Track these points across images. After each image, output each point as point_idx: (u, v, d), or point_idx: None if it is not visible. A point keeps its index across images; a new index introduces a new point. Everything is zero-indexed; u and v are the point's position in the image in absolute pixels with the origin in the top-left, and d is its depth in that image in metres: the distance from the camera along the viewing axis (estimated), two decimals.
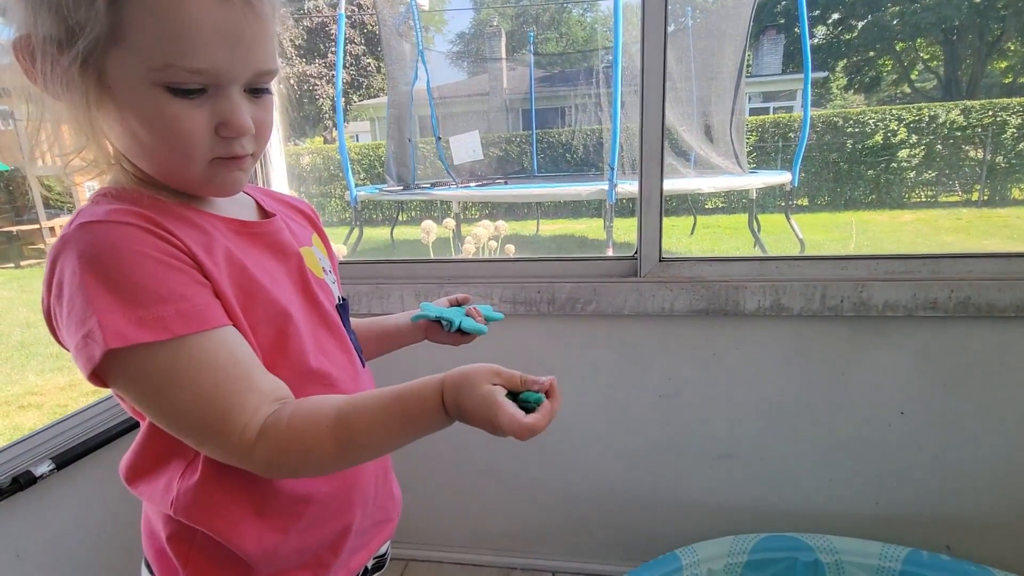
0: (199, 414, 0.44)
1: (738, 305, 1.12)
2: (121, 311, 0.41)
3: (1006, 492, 1.15)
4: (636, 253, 1.18)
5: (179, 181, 0.49)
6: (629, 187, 4.37)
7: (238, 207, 0.57)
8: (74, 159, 0.48)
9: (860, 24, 16.50)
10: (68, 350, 0.46)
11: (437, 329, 0.73)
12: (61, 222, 7.62)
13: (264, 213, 0.60)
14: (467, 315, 0.73)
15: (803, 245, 5.26)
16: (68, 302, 0.42)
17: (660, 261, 1.17)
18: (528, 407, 0.46)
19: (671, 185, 4.99)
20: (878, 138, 8.88)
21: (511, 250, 3.13)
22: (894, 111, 9.00)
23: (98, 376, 0.43)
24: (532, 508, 1.36)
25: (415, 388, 0.48)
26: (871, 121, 8.95)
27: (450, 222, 3.39)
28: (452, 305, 0.76)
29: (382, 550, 0.72)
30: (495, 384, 0.46)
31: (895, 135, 8.79)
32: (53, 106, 0.45)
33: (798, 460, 1.21)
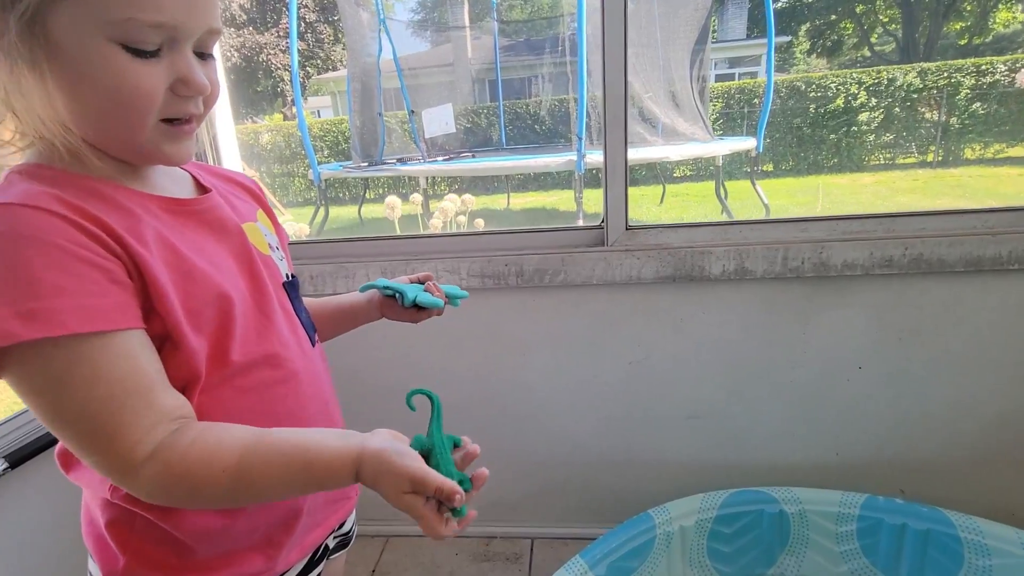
0: (87, 426, 0.41)
1: (703, 270, 1.14)
2: (9, 304, 0.38)
3: (954, 438, 1.21)
4: (603, 222, 1.18)
5: (125, 146, 0.46)
6: (598, 157, 4.35)
7: (173, 183, 0.54)
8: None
9: None
10: None
11: (392, 304, 0.72)
12: None
13: (203, 189, 0.57)
14: (425, 291, 0.71)
15: (768, 210, 5.37)
16: None
17: (627, 229, 1.17)
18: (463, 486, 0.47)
19: (639, 154, 5.00)
20: (839, 102, 9.03)
21: (480, 224, 3.09)
22: (855, 75, 9.14)
23: None
24: (509, 477, 1.38)
25: (327, 458, 0.45)
26: (832, 85, 9.08)
27: (417, 197, 3.30)
28: (413, 283, 0.75)
29: (346, 527, 0.72)
30: (409, 492, 0.45)
31: (855, 99, 8.96)
32: None
33: (762, 417, 1.26)
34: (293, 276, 0.63)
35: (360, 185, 7.87)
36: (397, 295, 0.70)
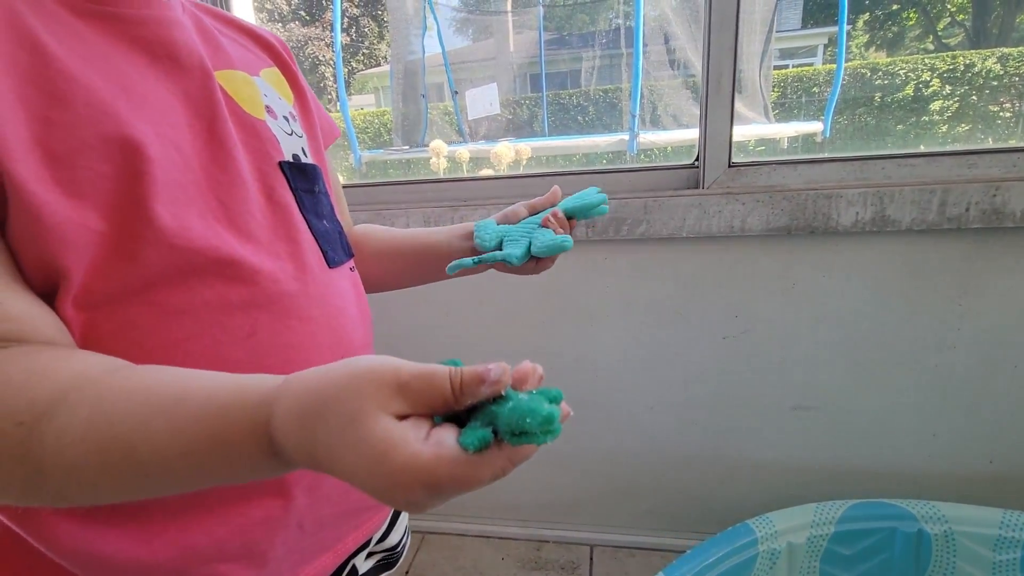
0: None
1: (829, 219, 0.89)
2: None
3: None
4: (697, 159, 0.95)
5: None
6: (652, 137, 4.08)
7: None
8: None
9: None
10: None
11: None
12: None
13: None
14: (543, 225, 0.49)
15: None
16: None
17: (729, 167, 0.93)
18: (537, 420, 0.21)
19: (693, 134, 4.69)
20: (909, 90, 8.41)
21: None
22: (927, 60, 8.50)
23: None
24: (567, 472, 1.17)
25: (212, 402, 0.24)
26: (902, 72, 8.47)
27: (464, 153, 3.09)
28: (526, 213, 0.52)
29: (390, 541, 0.50)
30: (400, 415, 0.22)
31: (927, 86, 8.32)
32: None
33: (894, 411, 1.00)
34: (309, 164, 0.43)
35: (402, 168, 7.81)
36: (504, 261, 0.48)
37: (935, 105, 8.69)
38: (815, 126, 5.01)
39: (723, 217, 0.92)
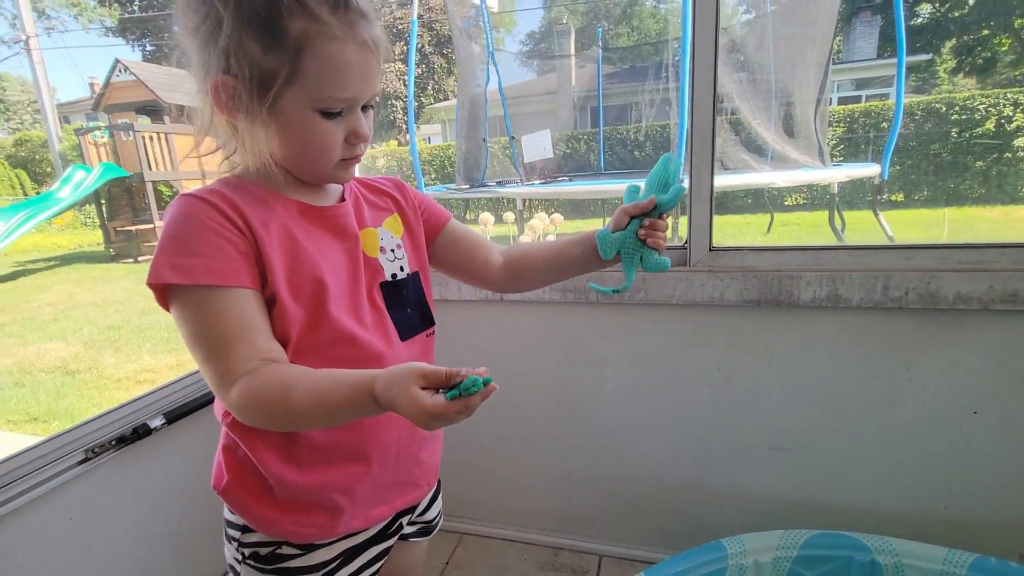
0: (207, 350, 0.56)
1: (792, 295, 1.10)
2: (167, 256, 0.55)
3: None
4: (686, 243, 1.19)
5: (312, 174, 0.64)
6: None
7: (323, 194, 0.68)
8: (224, 160, 0.64)
9: None
10: None
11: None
12: None
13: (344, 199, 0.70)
14: (645, 240, 0.69)
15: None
16: None
17: (710, 250, 1.17)
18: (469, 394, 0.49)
19: (742, 179, 4.79)
20: (990, 125, 7.99)
21: None
22: (1010, 95, 8.06)
23: (165, 300, 0.58)
24: (579, 489, 1.40)
25: (352, 379, 0.54)
26: (981, 107, 8.07)
27: (510, 216, 3.44)
28: (627, 219, 0.70)
29: (429, 515, 0.81)
30: (422, 387, 0.50)
31: (1010, 121, 7.88)
32: (219, 124, 0.61)
33: (856, 456, 1.17)
34: (403, 276, 0.71)
35: (461, 206, 8.30)
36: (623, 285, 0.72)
37: (1020, 142, 8.17)
38: (872, 169, 4.96)
39: (706, 289, 1.16)
